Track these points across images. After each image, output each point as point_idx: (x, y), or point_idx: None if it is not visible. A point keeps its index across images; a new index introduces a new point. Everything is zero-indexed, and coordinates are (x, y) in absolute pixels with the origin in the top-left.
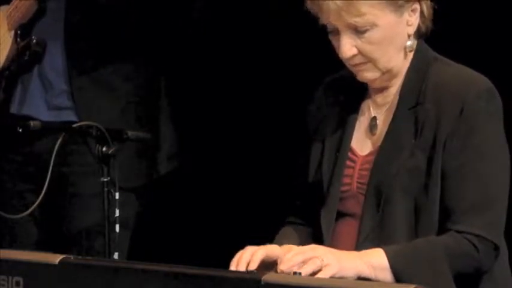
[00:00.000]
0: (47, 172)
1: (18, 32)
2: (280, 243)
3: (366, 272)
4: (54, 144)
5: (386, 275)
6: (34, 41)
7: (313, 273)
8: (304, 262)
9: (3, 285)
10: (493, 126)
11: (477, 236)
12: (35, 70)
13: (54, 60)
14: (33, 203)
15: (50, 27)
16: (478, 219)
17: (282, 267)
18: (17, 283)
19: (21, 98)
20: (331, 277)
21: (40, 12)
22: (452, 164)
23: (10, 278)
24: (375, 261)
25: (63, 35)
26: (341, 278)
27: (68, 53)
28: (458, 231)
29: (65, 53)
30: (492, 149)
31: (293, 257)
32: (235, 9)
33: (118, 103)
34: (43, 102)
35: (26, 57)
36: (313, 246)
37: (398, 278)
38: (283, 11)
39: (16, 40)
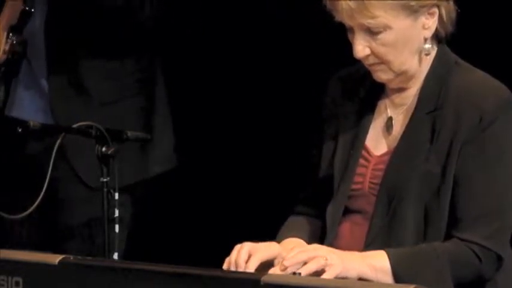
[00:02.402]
0: (42, 173)
1: (10, 33)
2: (286, 235)
3: (368, 274)
4: (48, 144)
5: (388, 278)
6: (14, 41)
7: (317, 273)
8: (308, 261)
9: (3, 285)
10: (510, 136)
11: (481, 246)
12: (24, 71)
13: (42, 61)
14: (27, 204)
15: (38, 28)
16: (484, 229)
17: (286, 263)
18: (17, 283)
19: (11, 100)
20: (335, 277)
21: (26, 14)
22: (464, 171)
23: (10, 278)
24: (377, 263)
25: (43, 36)
26: (343, 278)
27: (48, 53)
28: (462, 239)
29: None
30: (507, 160)
31: (297, 254)
32: (230, 6)
33: (91, 103)
34: (31, 103)
35: (10, 58)
36: (315, 246)
37: (399, 281)
38: (281, 9)
39: (6, 41)
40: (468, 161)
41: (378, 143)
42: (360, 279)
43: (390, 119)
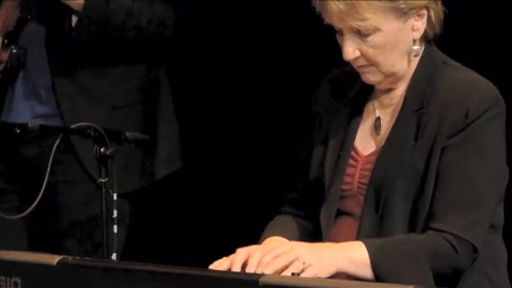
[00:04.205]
0: (38, 175)
1: (6, 40)
2: (270, 234)
3: (346, 268)
4: (46, 148)
5: (367, 270)
6: (14, 50)
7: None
8: (286, 265)
9: (2, 286)
10: (494, 132)
11: (456, 236)
12: (21, 78)
13: (40, 67)
14: (19, 206)
15: (36, 35)
16: (461, 219)
17: (266, 271)
18: (15, 284)
19: (8, 106)
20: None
21: (22, 21)
22: (446, 162)
23: (8, 278)
24: (354, 255)
25: (45, 41)
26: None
27: (51, 59)
28: (438, 230)
29: (47, 59)
30: (489, 152)
31: (274, 260)
32: (233, 7)
33: (103, 108)
34: (28, 110)
35: (8, 65)
36: (292, 245)
37: (378, 273)
38: (281, 9)
39: (2, 48)
40: (449, 153)
41: (366, 143)
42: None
43: (378, 119)
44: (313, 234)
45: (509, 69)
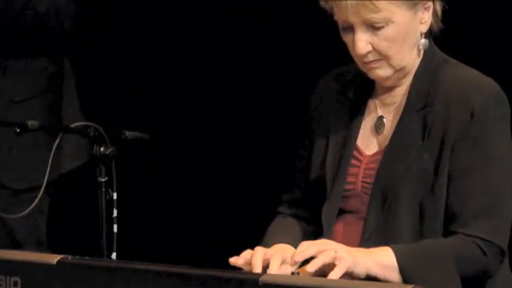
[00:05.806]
0: None
1: None
2: (276, 238)
3: (376, 271)
4: None
5: (395, 275)
6: None
7: (327, 269)
8: (317, 254)
9: (1, 285)
10: (502, 131)
11: (484, 240)
12: None
13: None
14: None
15: None
16: (486, 223)
17: (296, 258)
18: (15, 283)
19: None
20: (345, 271)
21: None
22: (460, 166)
23: (8, 278)
24: (383, 259)
25: None
26: (351, 272)
27: None
28: (465, 235)
29: None
30: (500, 153)
31: (307, 249)
32: (233, 7)
33: (3, 102)
34: None
35: None
36: (324, 240)
37: (406, 278)
38: (280, 10)
39: None
40: (463, 157)
41: (368, 142)
42: (367, 276)
43: (380, 118)
44: (314, 234)
45: (509, 69)
